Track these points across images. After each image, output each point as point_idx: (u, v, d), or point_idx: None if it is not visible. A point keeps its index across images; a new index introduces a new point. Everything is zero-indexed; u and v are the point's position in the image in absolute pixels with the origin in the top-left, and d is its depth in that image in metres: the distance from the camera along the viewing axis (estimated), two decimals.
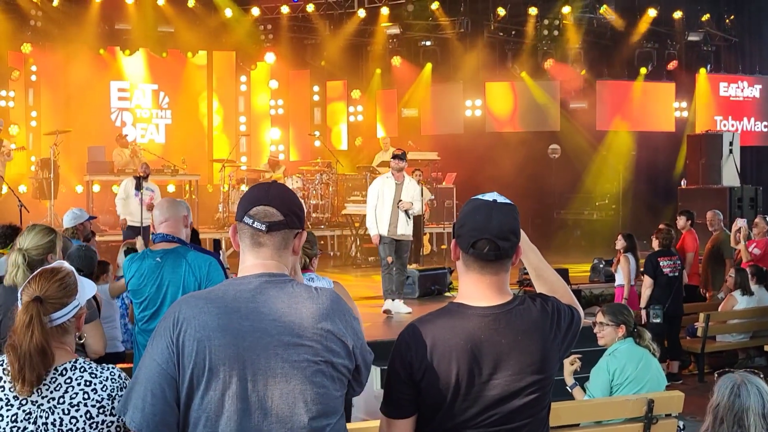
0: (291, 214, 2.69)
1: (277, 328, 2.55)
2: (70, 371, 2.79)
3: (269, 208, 2.66)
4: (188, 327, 2.52)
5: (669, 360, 9.90)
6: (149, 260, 5.14)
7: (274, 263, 2.67)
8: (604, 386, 5.56)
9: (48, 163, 15.95)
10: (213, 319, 2.53)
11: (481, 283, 2.77)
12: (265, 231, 2.65)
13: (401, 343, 2.77)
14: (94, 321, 5.09)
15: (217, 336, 2.51)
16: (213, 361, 2.50)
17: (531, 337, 2.76)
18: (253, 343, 2.52)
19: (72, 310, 2.85)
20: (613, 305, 6.10)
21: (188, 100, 20.60)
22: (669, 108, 20.46)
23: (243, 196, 2.75)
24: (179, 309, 2.58)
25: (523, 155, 19.25)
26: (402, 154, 10.39)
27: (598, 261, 13.42)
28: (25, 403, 2.73)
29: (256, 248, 2.67)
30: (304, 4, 19.51)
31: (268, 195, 2.70)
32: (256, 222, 2.65)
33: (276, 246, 2.67)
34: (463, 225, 2.77)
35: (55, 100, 19.06)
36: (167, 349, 2.52)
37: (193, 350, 2.50)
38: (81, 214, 8.58)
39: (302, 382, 2.53)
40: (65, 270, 2.89)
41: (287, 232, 2.68)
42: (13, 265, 4.71)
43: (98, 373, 2.82)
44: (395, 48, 20.08)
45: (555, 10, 19.29)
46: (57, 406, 2.74)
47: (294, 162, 20.25)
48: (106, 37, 18.48)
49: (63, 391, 2.75)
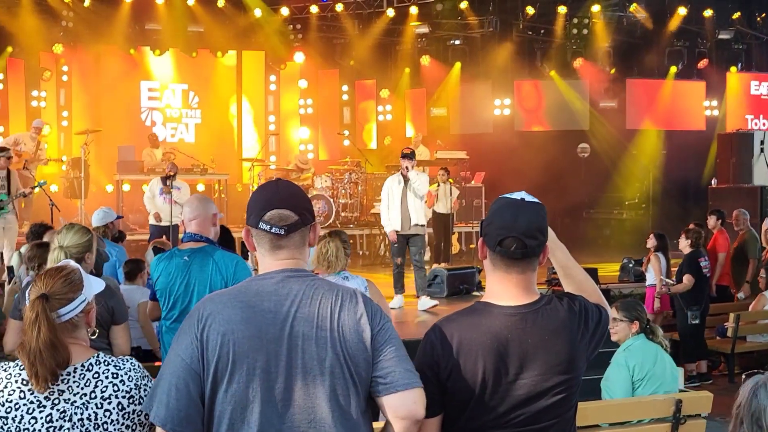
0: (304, 212, 2.73)
1: (299, 321, 2.58)
2: (96, 366, 2.83)
3: (284, 211, 2.69)
4: (213, 321, 2.57)
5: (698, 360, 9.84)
6: (177, 259, 5.17)
7: (294, 261, 2.71)
8: (625, 382, 5.52)
9: (79, 162, 16.10)
10: (237, 313, 2.57)
11: (507, 282, 2.78)
12: (284, 234, 2.69)
13: (427, 342, 2.77)
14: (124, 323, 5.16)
15: (241, 329, 2.55)
16: (237, 353, 2.53)
17: (558, 337, 2.75)
18: (275, 335, 2.56)
19: (79, 305, 2.88)
20: (627, 301, 6.08)
21: (218, 99, 20.71)
22: (699, 107, 20.28)
23: (252, 199, 2.77)
24: (203, 305, 2.63)
25: (552, 154, 19.14)
26: (411, 153, 10.86)
27: (627, 260, 13.34)
28: (58, 402, 2.76)
29: (275, 251, 2.71)
30: (333, 3, 19.53)
31: (279, 196, 2.72)
32: (273, 228, 2.68)
33: (295, 245, 2.72)
34: (490, 223, 2.78)
35: (86, 99, 19.23)
36: (191, 344, 2.56)
37: (217, 343, 2.54)
38: (109, 213, 8.68)
39: (323, 373, 2.55)
40: (70, 267, 2.94)
41: (304, 229, 2.73)
42: (55, 262, 4.77)
43: (121, 365, 2.86)
44: (424, 47, 20.06)
45: (584, 9, 19.16)
46: (90, 401, 2.77)
47: (323, 161, 20.29)
48: (136, 37, 18.60)
49: (93, 385, 2.79)
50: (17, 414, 2.73)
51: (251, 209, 2.74)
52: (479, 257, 2.86)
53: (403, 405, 2.55)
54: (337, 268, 6.04)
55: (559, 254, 3.00)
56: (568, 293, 2.95)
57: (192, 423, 2.53)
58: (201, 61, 19.75)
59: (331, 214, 16.36)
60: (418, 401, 2.56)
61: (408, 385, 2.56)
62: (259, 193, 2.79)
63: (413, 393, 2.56)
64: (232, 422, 2.54)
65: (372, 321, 2.62)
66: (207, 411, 2.55)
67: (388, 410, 2.56)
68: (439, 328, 2.77)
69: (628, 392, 5.49)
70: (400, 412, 2.54)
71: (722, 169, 16.95)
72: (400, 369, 2.58)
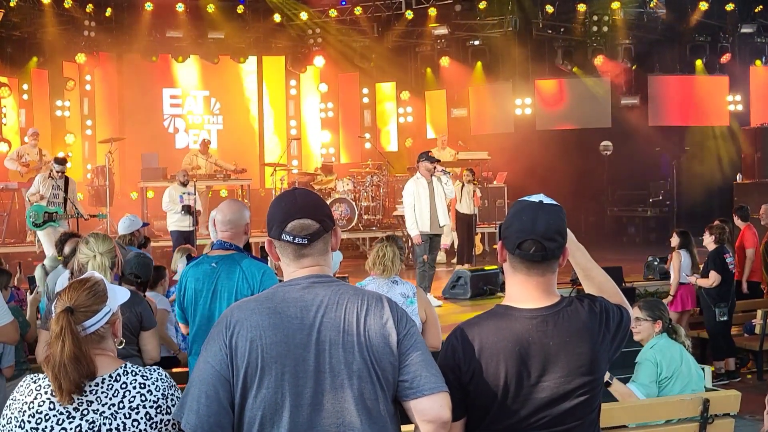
0: (324, 218, 2.76)
1: (325, 326, 2.61)
2: (124, 376, 2.85)
3: (305, 221, 2.71)
4: (241, 328, 2.60)
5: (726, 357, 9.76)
6: (205, 266, 5.19)
7: (318, 267, 2.74)
8: (652, 378, 5.48)
9: (103, 170, 16.22)
10: (264, 319, 2.60)
11: (528, 285, 2.78)
12: (307, 244, 2.71)
13: (448, 346, 2.78)
14: (152, 329, 5.21)
15: (269, 335, 2.58)
16: (265, 359, 2.56)
17: (580, 339, 2.75)
18: (302, 340, 2.59)
19: (104, 317, 2.89)
20: (650, 300, 6.04)
21: (239, 105, 20.82)
22: (723, 101, 20.11)
23: (271, 211, 2.78)
24: (231, 313, 2.66)
25: (574, 153, 19.09)
26: (434, 157, 11.22)
27: (652, 258, 13.26)
28: (86, 413, 2.78)
29: (299, 259, 2.74)
30: (351, 7, 19.58)
31: (297, 205, 2.74)
32: (297, 238, 2.71)
33: (318, 252, 2.75)
34: (509, 226, 2.79)
35: (110, 108, 19.40)
36: (220, 351, 2.59)
37: (246, 350, 2.57)
38: (135, 220, 8.72)
39: (350, 378, 2.57)
40: (94, 279, 2.95)
41: (326, 236, 2.76)
42: (101, 267, 4.82)
43: (149, 375, 2.88)
44: (443, 48, 20.03)
45: (604, 6, 19.07)
46: (118, 411, 2.80)
47: (344, 164, 20.31)
48: (158, 45, 18.74)
49: (121, 396, 2.81)
50: (47, 425, 2.75)
51: (272, 221, 2.76)
52: (498, 260, 2.87)
53: (430, 408, 2.56)
54: (392, 273, 6.16)
55: (578, 256, 3.00)
56: (589, 295, 2.94)
57: (222, 429, 2.56)
58: (222, 68, 19.85)
59: (353, 217, 16.39)
60: (445, 405, 2.58)
61: (434, 389, 2.58)
62: (277, 204, 2.81)
63: (440, 397, 2.58)
64: (261, 427, 2.56)
65: (398, 325, 2.64)
66: (237, 417, 2.58)
67: (416, 414, 2.59)
68: (462, 331, 2.78)
69: (654, 391, 5.46)
70: (428, 416, 2.56)
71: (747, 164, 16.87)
72: (426, 373, 2.59)
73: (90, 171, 17.87)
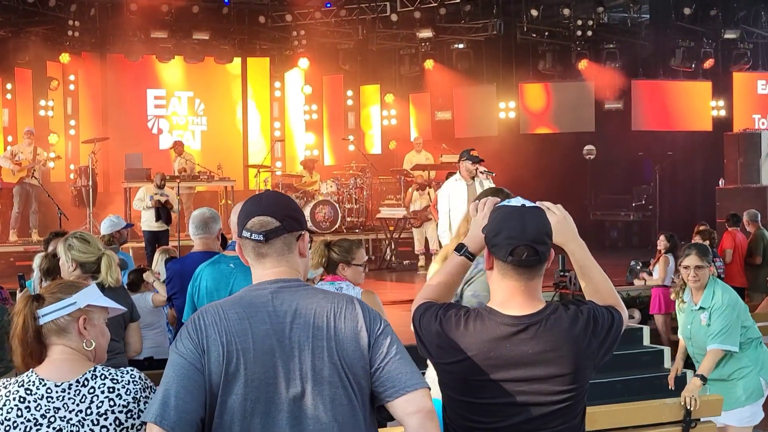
0: (287, 218, 2.70)
1: (294, 331, 2.57)
2: (92, 380, 2.81)
3: (264, 218, 2.67)
4: (212, 332, 2.55)
5: None
6: (222, 265, 5.17)
7: (284, 269, 2.69)
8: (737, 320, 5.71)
9: (86, 170, 16.15)
10: (233, 324, 2.56)
11: (515, 290, 2.77)
12: (264, 241, 2.67)
13: (430, 319, 2.87)
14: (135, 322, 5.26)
15: (237, 341, 2.54)
16: (234, 365, 2.52)
17: (561, 348, 2.73)
18: (271, 346, 2.55)
19: (65, 308, 2.85)
20: (701, 246, 6.11)
21: (223, 106, 20.77)
22: (706, 107, 20.21)
23: (238, 212, 2.77)
24: (200, 316, 2.61)
25: (557, 157, 19.14)
26: (477, 156, 10.49)
27: (635, 263, 13.29)
28: (54, 420, 2.74)
29: (260, 259, 2.69)
30: (337, 9, 19.57)
31: (261, 204, 2.72)
32: (253, 234, 2.67)
33: (278, 252, 2.68)
34: (497, 233, 2.76)
35: (93, 108, 19.30)
36: (194, 351, 2.55)
37: (218, 354, 2.53)
38: (118, 221, 8.70)
39: (321, 383, 2.54)
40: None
41: (287, 236, 2.69)
42: (108, 265, 4.79)
43: (119, 378, 2.83)
44: (428, 51, 20.03)
45: (588, 10, 19.16)
46: (86, 418, 2.75)
47: (328, 167, 20.29)
48: (142, 46, 18.66)
49: (89, 401, 2.77)
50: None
51: (238, 220, 2.74)
52: (485, 268, 2.85)
53: (413, 400, 2.53)
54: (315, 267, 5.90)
55: (578, 252, 2.97)
56: (576, 300, 2.94)
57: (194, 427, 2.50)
58: (206, 69, 19.79)
59: (336, 219, 16.38)
60: (427, 396, 2.56)
61: (415, 386, 2.55)
62: (244, 204, 2.79)
63: (421, 393, 2.55)
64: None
65: (371, 326, 2.61)
66: (207, 423, 2.54)
67: (400, 410, 2.55)
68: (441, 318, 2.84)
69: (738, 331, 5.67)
70: (412, 408, 2.53)
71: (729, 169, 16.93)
72: (405, 371, 2.57)
73: (73, 171, 17.78)
